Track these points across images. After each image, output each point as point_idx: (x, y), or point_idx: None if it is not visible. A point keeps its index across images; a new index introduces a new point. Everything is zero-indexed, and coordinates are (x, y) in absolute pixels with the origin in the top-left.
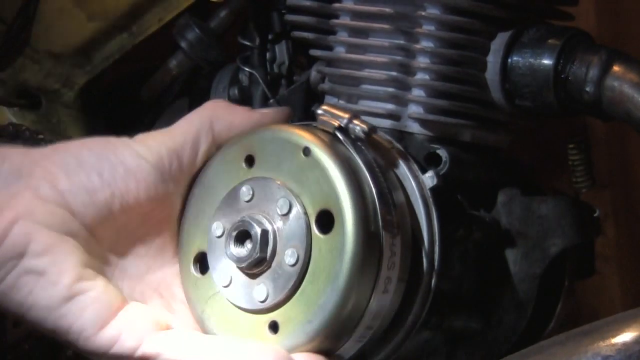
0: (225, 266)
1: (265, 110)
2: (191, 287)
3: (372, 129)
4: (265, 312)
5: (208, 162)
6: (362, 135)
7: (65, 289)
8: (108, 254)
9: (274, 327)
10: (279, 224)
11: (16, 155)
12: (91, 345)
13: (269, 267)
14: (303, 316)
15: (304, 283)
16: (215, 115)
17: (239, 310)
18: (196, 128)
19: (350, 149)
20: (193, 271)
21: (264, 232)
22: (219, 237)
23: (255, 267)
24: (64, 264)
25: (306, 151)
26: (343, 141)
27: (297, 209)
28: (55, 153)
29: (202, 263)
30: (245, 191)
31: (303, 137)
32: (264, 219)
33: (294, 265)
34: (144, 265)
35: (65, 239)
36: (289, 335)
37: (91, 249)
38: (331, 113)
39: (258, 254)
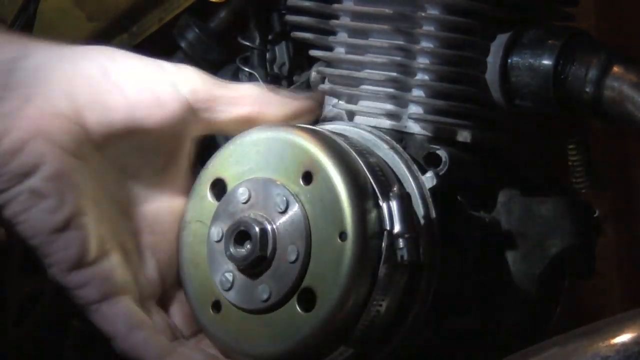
0: (226, 269)
1: (298, 99)
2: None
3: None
4: (269, 311)
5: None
6: None
7: (61, 219)
8: (115, 178)
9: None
10: (277, 221)
11: (42, 51)
12: (58, 279)
13: (270, 266)
14: (306, 312)
15: (306, 277)
16: (266, 104)
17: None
18: (246, 99)
19: (351, 151)
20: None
21: (263, 231)
22: (218, 241)
23: (255, 266)
24: (67, 194)
25: (307, 153)
26: (344, 142)
27: (295, 205)
28: (84, 57)
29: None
30: (241, 192)
31: (306, 139)
32: (263, 218)
33: (294, 262)
34: (145, 196)
35: (76, 165)
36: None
37: (99, 173)
38: None
39: (258, 253)
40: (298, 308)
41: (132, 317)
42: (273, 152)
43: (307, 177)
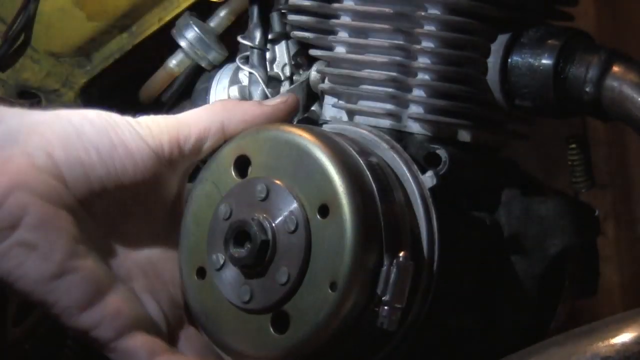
0: (221, 250)
1: (274, 102)
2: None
3: None
4: (245, 312)
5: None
6: None
7: (55, 265)
8: (99, 229)
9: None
10: (282, 237)
11: (14, 116)
12: (72, 324)
13: (262, 275)
14: (279, 333)
15: (288, 303)
16: (227, 117)
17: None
18: (205, 125)
19: (352, 150)
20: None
21: (264, 243)
22: (225, 219)
23: (249, 269)
24: (56, 240)
25: (308, 154)
26: (344, 142)
27: (303, 232)
28: (56, 121)
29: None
30: (260, 189)
31: (336, 171)
32: (268, 226)
33: (283, 284)
34: (133, 243)
35: (59, 213)
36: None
37: (83, 224)
38: None
39: (253, 261)
40: (270, 327)
41: (153, 346)
42: (303, 167)
43: (324, 211)
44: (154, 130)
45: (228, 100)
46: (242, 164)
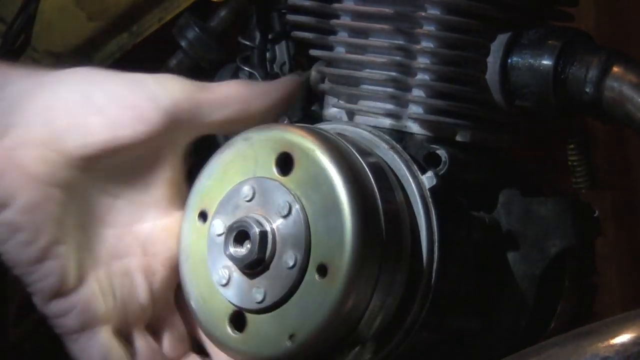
0: (224, 265)
1: (279, 84)
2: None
3: None
4: (262, 313)
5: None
6: None
7: (37, 251)
8: (100, 195)
9: None
10: (278, 224)
11: (21, 79)
12: (41, 307)
13: (268, 268)
14: (299, 319)
15: (302, 285)
16: (251, 98)
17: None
18: (230, 99)
19: (352, 150)
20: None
21: (263, 234)
22: (219, 235)
23: (253, 267)
24: (42, 225)
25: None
26: (344, 142)
27: (297, 211)
28: (63, 82)
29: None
30: (246, 190)
31: (306, 139)
32: (264, 219)
33: (292, 267)
34: (135, 212)
35: (50, 194)
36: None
37: (78, 198)
38: None
39: (256, 255)
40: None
41: (108, 352)
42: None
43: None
44: (171, 91)
45: (244, 82)
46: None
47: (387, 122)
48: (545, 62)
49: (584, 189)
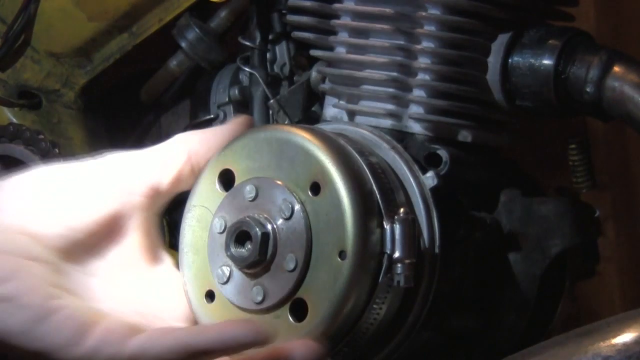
0: (224, 263)
1: (228, 125)
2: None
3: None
4: (261, 313)
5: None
6: None
7: (36, 310)
8: (80, 266)
9: None
10: (280, 226)
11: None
12: (73, 358)
13: (268, 269)
14: (298, 321)
15: (301, 288)
16: (193, 151)
17: (237, 309)
18: (177, 168)
19: (362, 164)
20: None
21: (264, 235)
22: (220, 233)
23: (254, 268)
24: (30, 287)
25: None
26: (345, 142)
27: (300, 214)
28: (16, 186)
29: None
30: (249, 190)
31: (319, 149)
32: (266, 220)
33: (292, 271)
34: (118, 270)
35: (29, 264)
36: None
37: (59, 267)
38: None
39: (257, 257)
40: (290, 317)
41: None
42: (285, 156)
43: (315, 188)
44: (128, 182)
45: (189, 135)
46: (226, 179)
47: (387, 122)
48: (545, 61)
49: (584, 189)
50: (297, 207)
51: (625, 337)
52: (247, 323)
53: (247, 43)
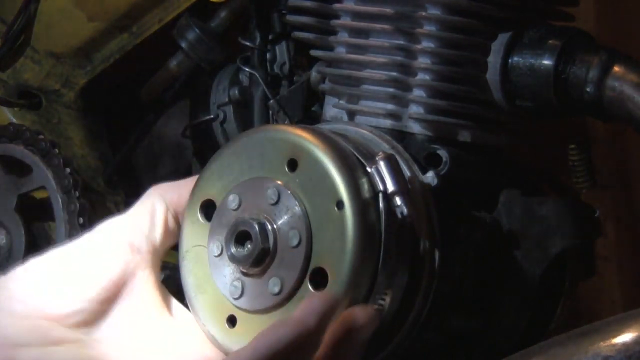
0: (232, 280)
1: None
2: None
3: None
4: (284, 303)
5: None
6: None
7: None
8: (101, 332)
9: None
10: (272, 212)
11: None
12: None
13: (274, 257)
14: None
15: (313, 257)
16: (168, 198)
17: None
18: (153, 209)
19: (330, 133)
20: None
21: (261, 225)
22: (218, 255)
23: (261, 261)
24: None
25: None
26: (344, 141)
27: (286, 192)
28: (15, 278)
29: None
30: (231, 200)
31: (283, 131)
32: (258, 214)
33: (297, 245)
34: (137, 326)
35: (55, 350)
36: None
37: (83, 342)
38: None
39: (261, 247)
40: (312, 289)
41: None
42: (253, 154)
43: (292, 164)
44: (125, 244)
45: (161, 186)
46: (209, 208)
47: (387, 122)
48: (545, 61)
49: (585, 189)
50: (281, 188)
51: (625, 337)
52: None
53: (247, 43)
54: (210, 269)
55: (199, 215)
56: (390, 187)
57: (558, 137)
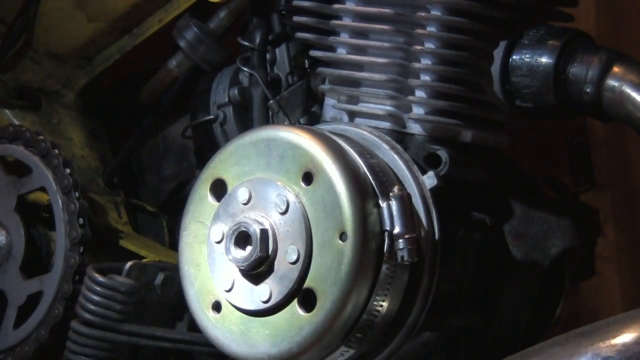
0: (226, 270)
1: None
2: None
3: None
4: (269, 313)
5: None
6: None
7: None
8: None
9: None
10: (278, 221)
11: None
12: None
13: (271, 266)
14: (307, 312)
15: (307, 278)
16: None
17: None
18: None
19: (352, 151)
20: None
21: (264, 232)
22: (218, 242)
23: (257, 267)
24: None
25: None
26: (344, 143)
27: (296, 206)
28: None
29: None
30: (242, 193)
31: (306, 140)
32: (263, 218)
33: (295, 262)
34: None
35: None
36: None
37: None
38: None
39: (259, 254)
40: (299, 309)
41: None
42: (273, 153)
43: (308, 178)
44: None
45: None
46: (218, 189)
47: (387, 123)
48: (545, 62)
49: (584, 189)
50: (292, 199)
51: (625, 337)
52: None
53: (247, 44)
54: (208, 251)
55: (208, 192)
56: (397, 229)
57: (558, 137)
